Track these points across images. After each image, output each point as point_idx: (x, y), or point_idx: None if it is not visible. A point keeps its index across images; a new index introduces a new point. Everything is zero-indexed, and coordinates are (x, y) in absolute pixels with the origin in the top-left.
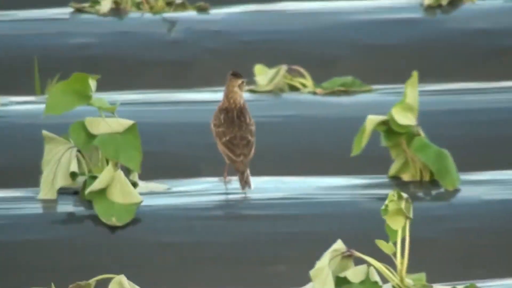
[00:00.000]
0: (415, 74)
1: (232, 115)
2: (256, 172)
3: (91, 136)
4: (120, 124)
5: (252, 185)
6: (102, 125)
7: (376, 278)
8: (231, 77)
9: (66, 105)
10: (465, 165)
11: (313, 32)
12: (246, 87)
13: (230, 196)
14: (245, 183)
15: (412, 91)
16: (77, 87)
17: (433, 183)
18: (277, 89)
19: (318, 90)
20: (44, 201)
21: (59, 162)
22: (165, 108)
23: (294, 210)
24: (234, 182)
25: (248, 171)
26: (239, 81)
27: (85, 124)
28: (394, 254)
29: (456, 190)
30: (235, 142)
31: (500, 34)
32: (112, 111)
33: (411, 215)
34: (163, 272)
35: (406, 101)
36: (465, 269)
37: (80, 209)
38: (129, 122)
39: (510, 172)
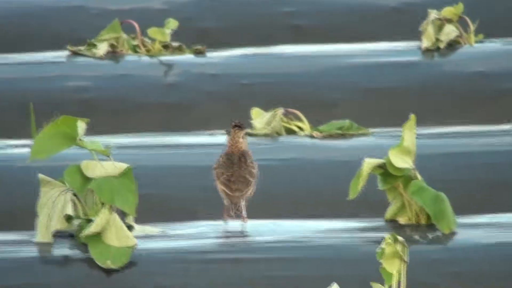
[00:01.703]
0: (412, 117)
1: (233, 158)
2: (253, 215)
3: (86, 180)
4: (115, 167)
5: (246, 219)
6: (98, 169)
7: None
8: (235, 129)
9: (52, 149)
10: (462, 209)
11: (310, 75)
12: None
13: (227, 240)
14: (238, 212)
15: (410, 134)
16: (64, 130)
17: (430, 226)
18: (274, 132)
19: (315, 134)
20: (40, 244)
21: (54, 205)
22: (161, 152)
23: (291, 254)
24: (231, 225)
25: (242, 204)
26: (243, 132)
27: (81, 167)
28: None
29: (453, 234)
30: (232, 179)
31: (498, 77)
32: (105, 154)
33: (407, 259)
34: None
35: (403, 144)
36: None
37: (75, 252)
38: (125, 166)
39: (507, 215)
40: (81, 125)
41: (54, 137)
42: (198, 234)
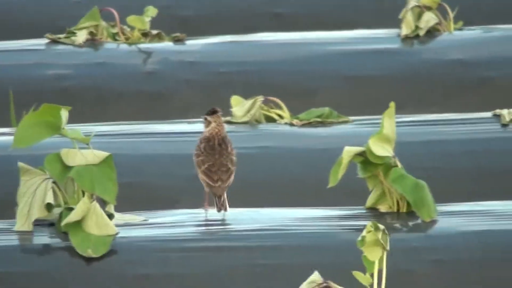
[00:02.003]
0: (392, 104)
1: (213, 144)
2: (233, 204)
3: (66, 168)
4: (95, 156)
5: (228, 209)
6: (78, 157)
7: None
8: (218, 114)
9: (35, 137)
10: (442, 196)
11: (290, 63)
12: (223, 119)
13: (207, 228)
14: (221, 206)
15: (389, 122)
16: (47, 119)
17: (410, 214)
18: (254, 120)
19: (295, 121)
20: (20, 233)
21: (34, 193)
22: (141, 140)
23: (271, 242)
24: (212, 214)
25: (225, 195)
26: (215, 116)
27: (61, 155)
28: (371, 285)
29: (433, 221)
30: (213, 169)
31: (477, 64)
32: (86, 142)
33: (388, 247)
34: None
35: (383, 132)
36: None
37: (56, 241)
38: (105, 154)
39: (487, 203)
40: (64, 114)
41: (37, 126)
42: (178, 222)
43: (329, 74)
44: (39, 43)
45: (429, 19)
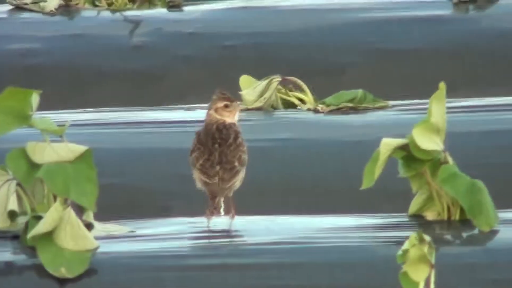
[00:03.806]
0: (442, 86)
1: (212, 131)
2: (242, 210)
3: (34, 166)
4: (70, 150)
5: (235, 216)
6: (48, 152)
7: None
8: (235, 103)
9: None
10: (504, 201)
11: (313, 34)
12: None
13: (209, 241)
14: (214, 210)
15: (439, 107)
16: (12, 105)
17: (464, 222)
18: (269, 105)
19: (320, 107)
20: None
21: None
22: (127, 130)
23: (289, 258)
24: (215, 223)
25: (222, 199)
26: (223, 104)
27: (27, 151)
28: None
29: (493, 232)
30: (208, 164)
31: None
32: (58, 134)
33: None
34: None
35: (430, 120)
36: None
37: (21, 258)
38: (82, 148)
39: None
40: (35, 99)
41: (0, 114)
42: (173, 234)
43: (362, 47)
44: (0, 10)
45: None
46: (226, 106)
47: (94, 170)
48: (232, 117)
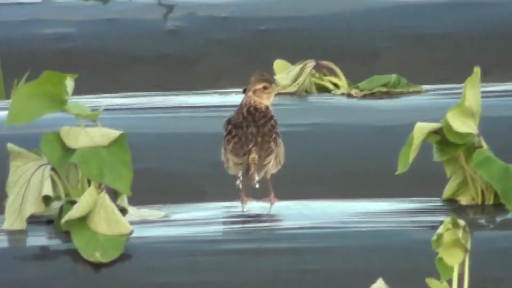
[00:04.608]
0: (476, 70)
1: (245, 113)
2: (277, 195)
3: (68, 151)
4: (104, 135)
5: (273, 196)
6: (83, 137)
7: None
8: (255, 81)
9: (34, 113)
10: None
11: (347, 19)
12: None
13: (244, 226)
14: (249, 180)
15: (473, 91)
16: (48, 90)
17: (498, 207)
18: (302, 90)
19: (354, 92)
20: (10, 232)
21: (28, 183)
22: (161, 115)
23: (324, 243)
24: (251, 208)
25: (257, 176)
26: (262, 85)
27: (61, 135)
28: None
29: None
30: (239, 145)
31: None
32: (94, 119)
33: (469, 248)
34: None
35: (465, 105)
36: None
37: (55, 242)
38: (116, 133)
39: None
40: (70, 83)
41: (36, 98)
42: (208, 218)
43: (396, 32)
44: None
45: None
46: (265, 88)
47: (128, 154)
48: (269, 100)
